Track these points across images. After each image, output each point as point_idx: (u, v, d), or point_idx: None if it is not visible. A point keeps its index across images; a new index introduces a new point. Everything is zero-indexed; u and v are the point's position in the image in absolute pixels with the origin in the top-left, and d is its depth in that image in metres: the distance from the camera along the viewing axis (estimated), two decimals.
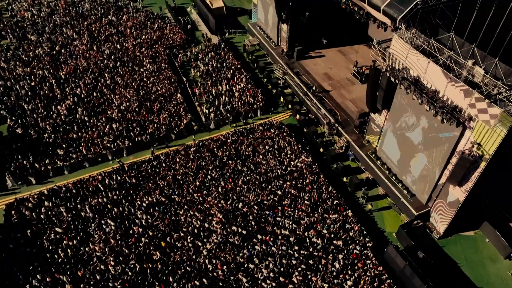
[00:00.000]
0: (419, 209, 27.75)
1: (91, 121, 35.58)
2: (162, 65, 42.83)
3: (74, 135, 34.01)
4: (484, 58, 21.36)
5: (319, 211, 28.37)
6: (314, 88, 37.66)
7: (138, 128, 34.81)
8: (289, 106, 38.26)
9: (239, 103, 37.75)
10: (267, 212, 28.37)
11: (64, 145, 33.06)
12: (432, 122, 24.34)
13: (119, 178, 30.62)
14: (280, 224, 27.76)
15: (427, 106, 22.78)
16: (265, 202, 29.05)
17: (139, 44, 46.05)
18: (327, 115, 35.19)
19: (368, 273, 24.93)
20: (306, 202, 28.96)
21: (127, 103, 37.47)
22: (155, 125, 35.24)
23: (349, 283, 24.24)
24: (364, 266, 25.33)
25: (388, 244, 27.04)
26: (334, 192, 29.64)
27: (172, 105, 37.46)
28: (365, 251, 26.10)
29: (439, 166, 25.32)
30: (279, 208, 28.68)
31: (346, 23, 41.41)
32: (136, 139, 34.03)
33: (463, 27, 25.75)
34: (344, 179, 31.83)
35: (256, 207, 28.68)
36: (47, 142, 33.43)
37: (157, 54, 44.57)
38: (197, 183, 30.36)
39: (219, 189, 29.90)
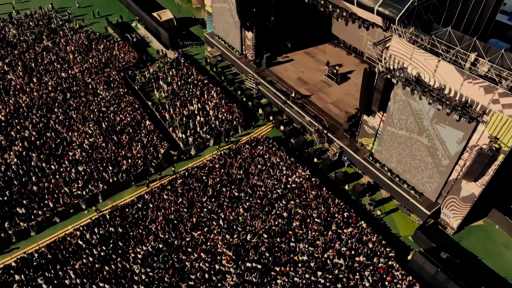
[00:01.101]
0: (430, 208, 27.11)
1: (52, 167, 30.51)
2: (120, 90, 38.36)
3: (34, 187, 28.87)
4: (488, 50, 20.82)
5: (332, 227, 26.67)
6: (293, 95, 35.86)
7: (110, 167, 30.46)
8: (270, 117, 36.06)
9: (217, 122, 34.80)
10: (279, 240, 26.06)
11: (24, 201, 27.92)
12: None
13: (101, 229, 26.39)
14: (296, 249, 25.61)
15: (439, 105, 21.89)
16: (273, 228, 26.70)
17: (87, 69, 40.96)
18: (313, 122, 33.59)
19: (398, 286, 23.72)
20: (316, 220, 27.10)
21: (90, 140, 32.80)
22: (129, 160, 31.13)
23: None
24: (393, 279, 24.06)
25: (409, 250, 26.24)
26: (341, 204, 28.09)
27: (143, 134, 33.46)
28: (390, 262, 24.87)
29: (449, 162, 24.77)
30: (290, 232, 26.50)
31: (310, 24, 40.33)
32: (111, 180, 29.75)
33: (450, 19, 25.44)
34: (346, 187, 30.45)
35: (265, 236, 26.23)
36: (1, 201, 27.97)
37: (111, 78, 39.87)
38: (194, 220, 27.14)
39: (220, 222, 26.98)
